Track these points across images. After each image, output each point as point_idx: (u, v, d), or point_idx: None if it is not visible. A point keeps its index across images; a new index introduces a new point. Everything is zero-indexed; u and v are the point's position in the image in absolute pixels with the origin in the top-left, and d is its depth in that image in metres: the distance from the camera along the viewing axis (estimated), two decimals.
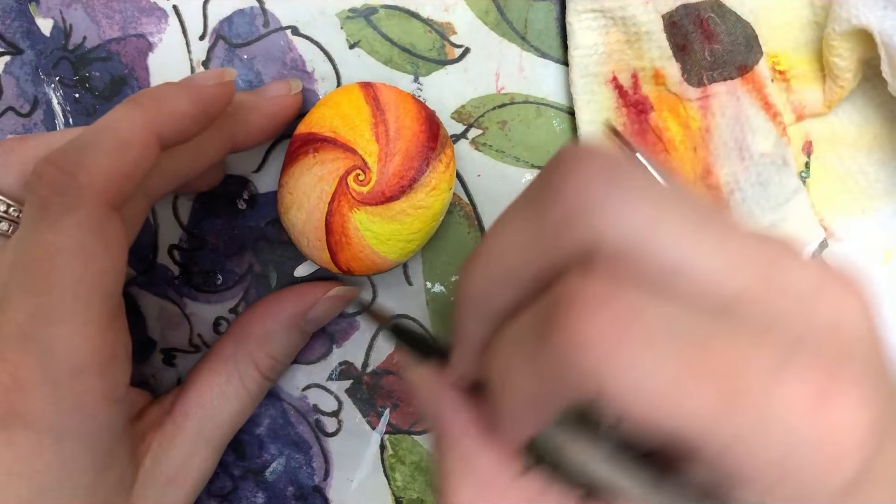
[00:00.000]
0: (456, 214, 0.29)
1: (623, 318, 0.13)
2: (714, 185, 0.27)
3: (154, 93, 0.21)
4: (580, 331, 0.13)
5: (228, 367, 0.27)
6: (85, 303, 0.20)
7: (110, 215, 0.20)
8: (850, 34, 0.25)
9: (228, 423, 0.27)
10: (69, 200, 0.19)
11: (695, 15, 0.26)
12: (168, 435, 0.25)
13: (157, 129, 0.21)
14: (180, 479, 0.25)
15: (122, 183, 0.20)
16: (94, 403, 0.21)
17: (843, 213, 0.28)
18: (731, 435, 0.13)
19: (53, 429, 0.20)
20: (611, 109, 0.27)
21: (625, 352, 0.13)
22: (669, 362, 0.12)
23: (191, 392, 0.26)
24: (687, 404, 0.12)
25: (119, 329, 0.21)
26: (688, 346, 0.13)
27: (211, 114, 0.22)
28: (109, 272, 0.20)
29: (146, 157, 0.21)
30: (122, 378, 0.21)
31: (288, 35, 0.28)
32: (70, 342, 0.20)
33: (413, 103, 0.25)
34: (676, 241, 0.14)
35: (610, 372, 0.13)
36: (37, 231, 0.20)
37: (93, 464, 0.21)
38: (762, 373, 0.12)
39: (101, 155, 0.20)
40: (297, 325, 0.28)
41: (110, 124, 0.20)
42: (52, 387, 0.20)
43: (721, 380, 0.12)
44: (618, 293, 0.13)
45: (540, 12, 0.27)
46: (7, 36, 0.29)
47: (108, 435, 0.22)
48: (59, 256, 0.19)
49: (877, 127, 0.27)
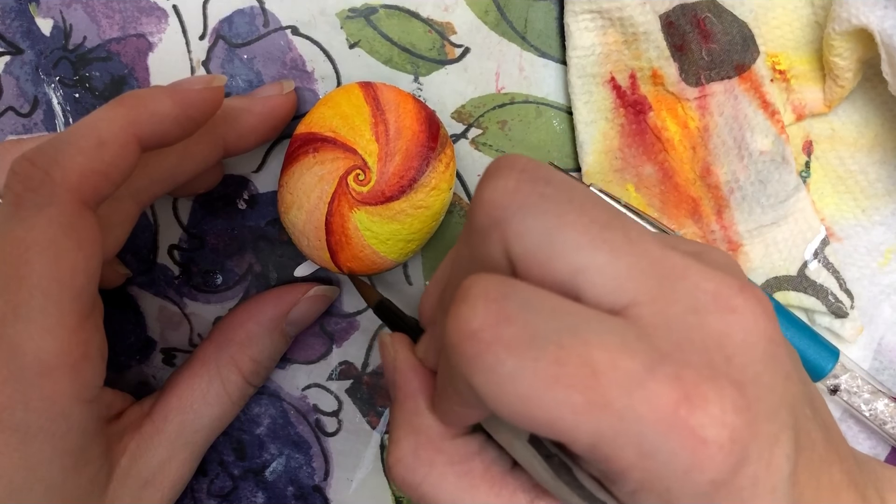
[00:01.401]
0: (456, 214, 0.29)
1: (492, 324, 0.14)
2: (714, 184, 0.27)
3: (138, 94, 0.21)
4: (455, 332, 0.14)
5: (210, 371, 0.27)
6: (55, 301, 0.19)
7: (84, 213, 0.20)
8: (850, 34, 0.25)
9: (208, 428, 0.27)
10: (42, 197, 0.19)
11: (692, 15, 0.26)
12: (146, 436, 0.25)
13: (138, 130, 0.21)
14: (157, 482, 0.25)
15: (98, 181, 0.20)
16: (64, 403, 0.20)
17: (843, 213, 0.28)
18: (595, 433, 0.14)
19: (20, 428, 0.20)
20: (609, 110, 0.27)
21: (489, 356, 0.14)
22: (531, 366, 0.13)
23: (171, 395, 0.26)
24: (547, 404, 0.13)
25: (92, 329, 0.21)
26: (554, 351, 0.13)
27: (196, 118, 0.22)
28: (81, 270, 0.20)
29: (124, 156, 0.20)
30: (95, 378, 0.21)
31: (288, 35, 0.28)
32: (38, 340, 0.19)
33: (413, 103, 0.25)
34: (575, 250, 0.15)
35: (476, 373, 0.14)
36: (8, 227, 0.19)
37: (63, 464, 0.21)
38: (626, 377, 0.13)
39: (77, 152, 0.20)
40: (280, 327, 0.28)
41: (90, 123, 0.20)
42: (20, 385, 0.20)
43: (584, 383, 0.13)
44: (492, 300, 0.14)
45: (540, 12, 0.27)
46: (7, 36, 0.29)
47: (80, 435, 0.21)
48: (28, 252, 0.19)
49: (877, 127, 0.27)
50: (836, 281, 0.28)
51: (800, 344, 0.26)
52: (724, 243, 0.28)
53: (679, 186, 0.27)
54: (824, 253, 0.28)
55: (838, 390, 0.27)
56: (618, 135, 0.27)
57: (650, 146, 0.27)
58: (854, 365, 0.27)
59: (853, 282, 0.28)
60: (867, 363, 0.28)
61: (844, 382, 0.27)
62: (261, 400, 0.30)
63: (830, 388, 0.27)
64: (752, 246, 0.28)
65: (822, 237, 0.28)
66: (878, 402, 0.27)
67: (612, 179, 0.28)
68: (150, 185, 0.24)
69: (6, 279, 0.19)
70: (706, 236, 0.28)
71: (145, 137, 0.21)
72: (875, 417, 0.27)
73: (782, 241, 0.28)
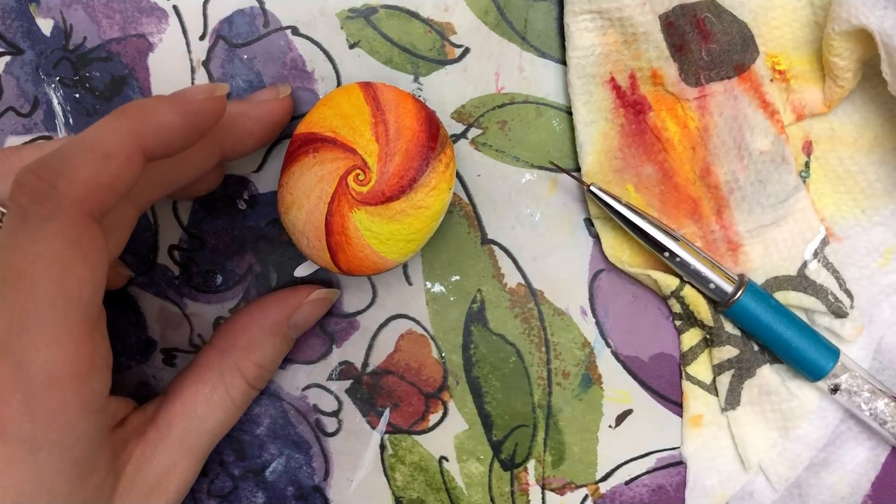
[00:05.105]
0: (456, 214, 0.29)
1: None
2: (714, 184, 0.27)
3: (141, 105, 0.21)
4: None
5: (213, 377, 0.27)
6: (62, 313, 0.19)
7: (90, 225, 0.20)
8: (850, 34, 0.25)
9: (212, 433, 0.27)
10: (48, 209, 0.19)
11: (691, 15, 0.26)
12: (150, 443, 0.25)
13: (142, 142, 0.21)
14: (162, 488, 0.25)
15: (103, 193, 0.20)
16: (71, 414, 0.20)
17: (842, 213, 0.28)
18: None
19: (27, 440, 0.20)
20: (608, 110, 0.27)
21: None
22: None
23: (174, 401, 0.26)
24: None
25: (98, 340, 0.21)
26: None
27: (200, 128, 0.22)
28: (88, 282, 0.20)
29: (129, 168, 0.20)
30: (101, 389, 0.21)
31: (288, 35, 0.28)
32: (45, 352, 0.19)
33: (413, 103, 0.25)
34: None
35: None
36: (14, 239, 0.19)
37: (70, 474, 0.21)
38: None
39: (83, 164, 0.20)
40: (282, 331, 0.28)
41: (94, 135, 0.20)
42: (27, 397, 0.20)
43: None
44: None
45: (540, 12, 0.27)
46: (7, 36, 0.29)
47: (87, 445, 0.21)
48: (35, 265, 0.19)
49: (877, 127, 0.27)
50: (835, 281, 0.28)
51: (800, 344, 0.26)
52: (724, 243, 0.28)
53: (679, 186, 0.28)
54: (824, 253, 0.28)
55: (838, 390, 0.27)
56: (617, 135, 0.27)
57: (650, 146, 0.27)
58: (854, 365, 0.27)
59: (853, 282, 0.28)
60: (867, 363, 0.28)
61: (844, 382, 0.27)
62: (261, 400, 0.30)
63: (830, 388, 0.27)
64: (751, 246, 0.28)
65: (821, 237, 0.28)
66: (878, 402, 0.27)
67: (611, 179, 0.28)
68: (148, 189, 0.24)
69: (13, 292, 0.19)
70: (706, 236, 0.28)
71: (150, 148, 0.21)
72: (875, 417, 0.27)
73: (782, 240, 0.28)
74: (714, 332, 0.27)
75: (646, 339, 0.29)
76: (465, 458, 0.30)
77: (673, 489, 0.29)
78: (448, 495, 0.30)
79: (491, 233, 0.29)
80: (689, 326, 0.28)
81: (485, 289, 0.29)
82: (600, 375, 0.29)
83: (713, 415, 0.29)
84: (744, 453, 0.28)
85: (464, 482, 0.30)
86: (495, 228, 0.29)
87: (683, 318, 0.28)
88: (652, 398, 0.29)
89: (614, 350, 0.29)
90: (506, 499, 0.30)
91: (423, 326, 0.29)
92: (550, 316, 0.29)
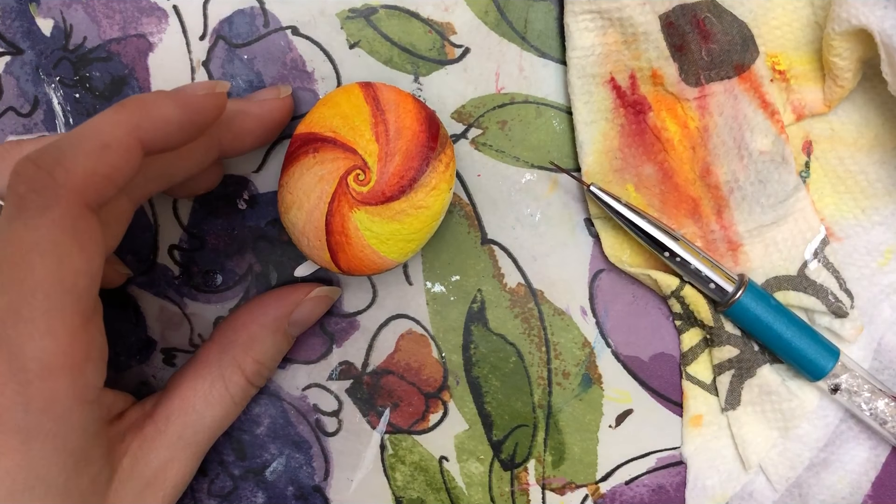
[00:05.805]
0: (456, 214, 0.29)
1: None
2: (714, 184, 0.27)
3: (142, 98, 0.21)
4: None
5: (213, 373, 0.27)
6: (57, 302, 0.19)
7: (87, 216, 0.20)
8: (850, 34, 0.25)
9: (210, 429, 0.27)
10: (45, 198, 0.19)
11: (691, 15, 0.26)
12: (148, 437, 0.25)
13: (141, 134, 0.21)
14: (159, 482, 0.25)
15: (101, 184, 0.20)
16: (66, 404, 0.20)
17: (843, 213, 0.28)
18: None
19: (21, 429, 0.20)
20: (608, 110, 0.27)
21: None
22: None
23: (173, 396, 0.26)
24: None
25: (93, 331, 0.21)
26: None
27: (199, 123, 0.22)
28: (84, 273, 0.20)
29: (127, 160, 0.20)
30: (96, 380, 0.21)
31: (288, 35, 0.28)
32: (40, 342, 0.19)
33: (413, 103, 0.25)
34: None
35: None
36: (11, 228, 0.19)
37: (64, 464, 0.21)
38: None
39: (81, 155, 0.20)
40: (282, 328, 0.28)
41: (94, 126, 0.20)
42: (21, 386, 0.20)
43: None
44: None
45: (540, 12, 0.27)
46: (7, 36, 0.29)
47: (81, 436, 0.21)
48: (31, 254, 0.19)
49: (877, 127, 0.27)
50: (835, 281, 0.28)
51: (800, 344, 0.26)
52: (724, 243, 0.28)
53: (679, 186, 0.28)
54: (824, 253, 0.28)
55: (838, 390, 0.27)
56: (618, 135, 0.27)
57: (650, 146, 0.27)
58: (854, 364, 0.27)
59: (853, 281, 0.28)
60: (867, 363, 0.28)
61: (844, 382, 0.27)
62: (261, 400, 0.30)
63: (830, 388, 0.27)
64: (751, 246, 0.28)
65: (821, 237, 0.28)
66: (878, 402, 0.27)
67: (611, 179, 0.28)
68: (145, 182, 0.24)
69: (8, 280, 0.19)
70: (706, 236, 0.28)
71: (148, 141, 0.21)
72: (875, 417, 0.27)
73: (782, 240, 0.28)
74: (714, 332, 0.27)
75: (646, 339, 0.29)
76: (465, 457, 0.30)
77: (673, 489, 0.29)
78: (448, 495, 0.30)
79: (491, 233, 0.29)
80: (690, 326, 0.28)
81: (485, 289, 0.29)
82: (600, 375, 0.29)
83: (713, 415, 0.29)
84: (744, 453, 0.28)
85: (464, 482, 0.30)
86: (495, 228, 0.29)
87: (683, 318, 0.28)
88: (652, 398, 0.29)
89: (614, 350, 0.29)
90: (506, 499, 0.30)
91: (423, 326, 0.29)
92: (550, 316, 0.29)
